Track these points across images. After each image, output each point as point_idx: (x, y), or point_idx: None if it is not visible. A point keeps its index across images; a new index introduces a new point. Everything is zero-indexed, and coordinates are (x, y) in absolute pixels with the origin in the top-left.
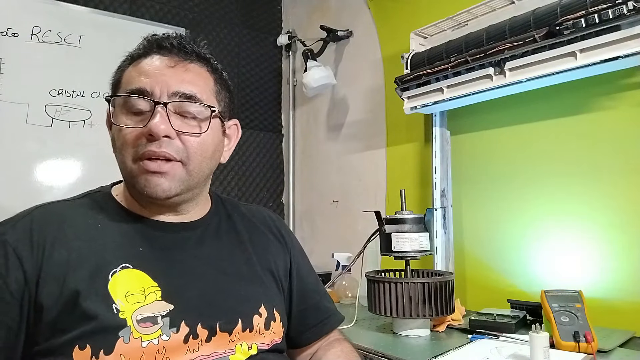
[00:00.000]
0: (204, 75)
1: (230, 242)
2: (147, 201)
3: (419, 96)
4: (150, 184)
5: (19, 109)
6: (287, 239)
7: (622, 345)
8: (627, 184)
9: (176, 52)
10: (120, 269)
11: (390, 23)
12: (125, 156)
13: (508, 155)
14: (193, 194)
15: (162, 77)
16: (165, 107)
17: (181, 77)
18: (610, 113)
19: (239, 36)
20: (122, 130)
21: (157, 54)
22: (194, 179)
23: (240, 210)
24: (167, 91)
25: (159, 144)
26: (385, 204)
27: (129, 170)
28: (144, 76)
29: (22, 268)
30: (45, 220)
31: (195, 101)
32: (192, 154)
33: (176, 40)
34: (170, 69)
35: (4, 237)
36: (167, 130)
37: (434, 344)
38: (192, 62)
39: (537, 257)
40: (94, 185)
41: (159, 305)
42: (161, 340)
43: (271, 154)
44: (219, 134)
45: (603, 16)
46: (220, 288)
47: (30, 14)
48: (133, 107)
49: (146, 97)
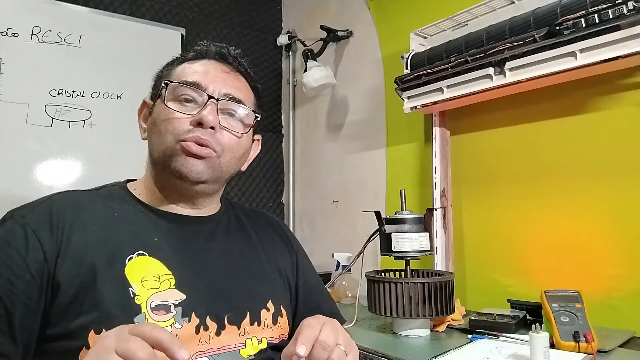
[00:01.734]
0: (248, 88)
1: (239, 240)
2: (171, 185)
3: (419, 96)
4: (187, 164)
5: (19, 109)
6: (292, 241)
7: (622, 345)
8: (627, 184)
9: (230, 62)
10: (137, 256)
11: (390, 23)
12: (167, 138)
13: (508, 155)
14: (215, 189)
15: (217, 78)
16: (216, 103)
17: (233, 83)
18: (610, 113)
19: (239, 36)
20: (172, 113)
21: (213, 59)
22: (223, 171)
23: (247, 212)
24: (220, 91)
25: (205, 133)
26: (385, 204)
27: (168, 149)
28: (199, 74)
29: (42, 249)
30: (64, 205)
31: (243, 105)
32: (228, 149)
33: (233, 53)
34: (225, 73)
35: (24, 220)
36: (215, 122)
37: (434, 344)
38: (242, 75)
39: (537, 257)
40: (93, 185)
41: (173, 294)
42: (174, 328)
43: (271, 154)
44: (249, 142)
45: (603, 16)
46: (229, 282)
47: (30, 14)
48: (184, 95)
49: (201, 90)
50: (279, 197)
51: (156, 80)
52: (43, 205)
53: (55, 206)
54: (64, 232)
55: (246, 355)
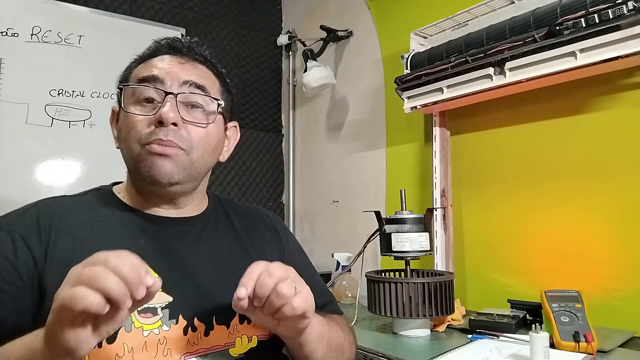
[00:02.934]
0: (210, 75)
1: (228, 238)
2: (148, 190)
3: (419, 96)
4: (155, 166)
5: (19, 109)
6: (281, 235)
7: (622, 345)
8: (627, 184)
9: (186, 53)
10: None
11: (390, 23)
12: (131, 142)
13: (508, 155)
14: (192, 187)
15: (173, 69)
16: (175, 97)
17: (190, 71)
18: (610, 113)
19: (239, 36)
20: (131, 117)
21: (167, 53)
22: (195, 168)
23: (237, 209)
24: (178, 81)
25: (167, 132)
26: (385, 204)
27: (134, 155)
28: (154, 67)
29: (31, 254)
30: (50, 211)
31: (204, 92)
32: (196, 144)
33: (186, 43)
34: (181, 64)
35: (11, 227)
36: (176, 118)
37: (434, 344)
38: (200, 63)
39: (537, 257)
40: (93, 185)
41: (159, 296)
42: (162, 330)
43: (271, 154)
44: (221, 131)
45: (603, 16)
46: (218, 282)
47: (30, 14)
48: (143, 95)
49: (158, 86)
50: (279, 197)
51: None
52: (29, 212)
53: (41, 212)
54: (51, 238)
55: (235, 354)
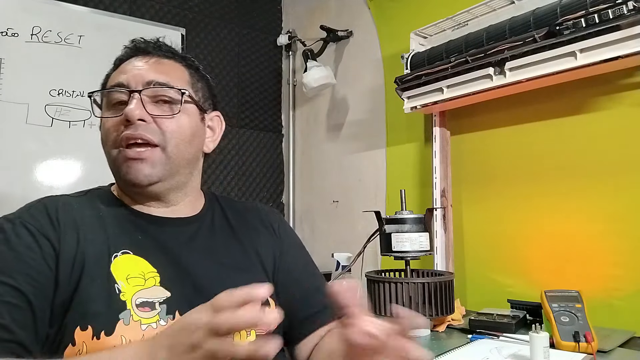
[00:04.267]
0: (177, 67)
1: (224, 236)
2: (133, 191)
3: (419, 96)
4: (131, 170)
5: (19, 109)
6: (278, 231)
7: (622, 345)
8: (627, 184)
9: (151, 51)
10: (121, 254)
11: (390, 23)
12: (109, 146)
13: (508, 155)
14: (177, 182)
15: (138, 71)
16: (139, 94)
17: (155, 68)
18: (610, 113)
19: (239, 36)
20: (104, 122)
21: (135, 55)
22: (173, 162)
23: (234, 206)
24: (142, 81)
25: (136, 128)
26: (385, 204)
27: (112, 159)
28: (123, 73)
29: (51, 244)
30: (56, 206)
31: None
32: (169, 136)
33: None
34: (146, 64)
35: (23, 220)
36: (142, 114)
37: (434, 344)
38: (168, 58)
39: (537, 257)
40: (93, 185)
41: (158, 291)
42: (159, 325)
43: (271, 154)
44: (196, 120)
45: (603, 16)
46: (214, 279)
47: (30, 14)
48: (113, 99)
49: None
50: (279, 197)
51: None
52: (36, 207)
53: (49, 207)
54: (61, 231)
55: None
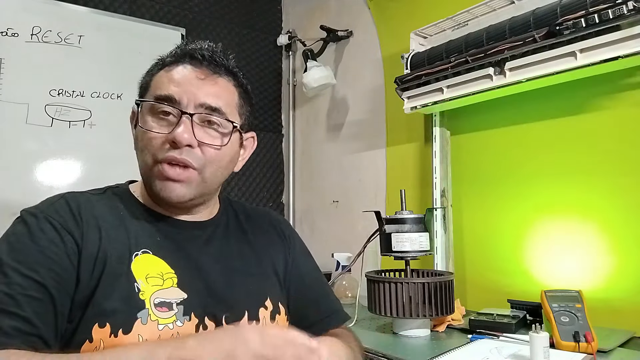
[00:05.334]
0: (230, 89)
1: (237, 241)
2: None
3: (419, 96)
4: (166, 189)
5: (19, 109)
6: (289, 239)
7: (622, 345)
8: (627, 184)
9: (207, 65)
10: (142, 253)
11: (390, 23)
12: (146, 157)
13: (508, 155)
14: (205, 199)
15: (191, 88)
16: (190, 117)
17: (208, 90)
18: (610, 113)
19: (239, 36)
20: (147, 132)
21: (189, 64)
22: (207, 186)
23: (247, 212)
24: (194, 102)
25: (180, 152)
26: (385, 204)
27: (148, 171)
28: (174, 84)
29: (75, 241)
30: (78, 203)
31: (220, 114)
32: (209, 163)
33: (208, 53)
34: (200, 80)
35: (45, 215)
36: (190, 140)
37: (434, 344)
38: (221, 75)
39: (537, 257)
40: (93, 185)
41: (175, 292)
42: (176, 325)
43: (271, 154)
44: (236, 146)
45: (603, 16)
46: (227, 283)
47: (30, 14)
48: (160, 109)
49: (174, 105)
50: (279, 197)
51: (139, 88)
52: (59, 202)
53: (72, 203)
54: (83, 228)
55: None
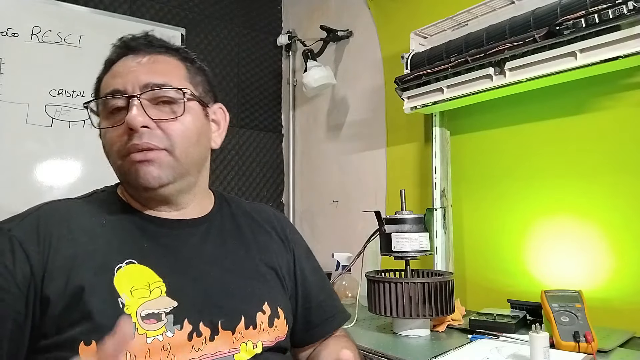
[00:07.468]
0: (173, 63)
1: (233, 241)
2: (144, 196)
3: (419, 96)
4: (140, 174)
5: (19, 109)
6: (290, 237)
7: (622, 345)
8: (627, 184)
9: (144, 48)
10: (126, 264)
11: (390, 23)
12: (113, 156)
13: (508, 155)
14: (188, 183)
15: (132, 74)
16: (138, 99)
17: (149, 68)
18: (610, 113)
19: (239, 36)
20: (106, 132)
21: (128, 54)
22: (182, 165)
23: (244, 208)
24: (138, 84)
25: (140, 137)
26: (385, 204)
27: (119, 168)
28: (117, 78)
29: (29, 262)
30: (52, 217)
31: (166, 87)
32: (175, 140)
33: (143, 38)
34: (140, 65)
35: (11, 233)
36: (145, 120)
37: (434, 344)
38: (161, 54)
39: (537, 257)
40: (93, 185)
41: (164, 301)
42: (165, 336)
43: (271, 154)
44: (200, 118)
45: (603, 16)
46: (223, 286)
47: (30, 14)
48: (110, 106)
49: (119, 95)
50: (279, 197)
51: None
52: (30, 217)
53: (42, 218)
54: (52, 245)
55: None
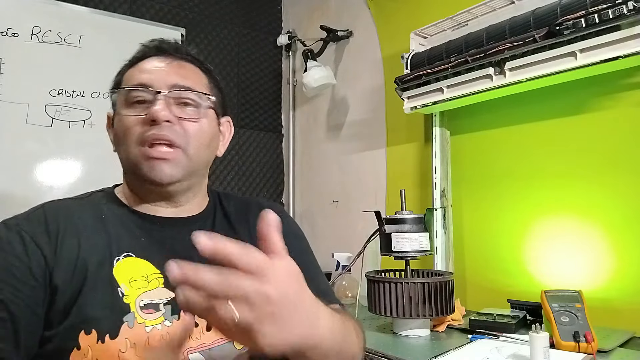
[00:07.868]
0: (197, 72)
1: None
2: (147, 189)
3: (419, 96)
4: (154, 170)
5: (19, 109)
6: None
7: (622, 345)
8: (627, 184)
9: (172, 53)
10: (124, 257)
11: (390, 23)
12: (128, 143)
13: (508, 155)
14: (191, 184)
15: (161, 72)
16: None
17: (177, 71)
18: (610, 113)
19: (239, 36)
20: (126, 119)
21: (155, 56)
22: (193, 165)
23: (236, 204)
24: (166, 83)
25: (160, 128)
26: (385, 204)
27: (132, 157)
28: (145, 73)
29: (42, 253)
30: (56, 212)
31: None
32: (191, 139)
33: (173, 44)
34: (169, 66)
35: (20, 228)
36: (168, 115)
37: (434, 344)
38: (187, 61)
39: (537, 257)
40: (93, 185)
41: (161, 292)
42: (164, 326)
43: (271, 154)
44: (214, 125)
45: (603, 16)
46: None
47: (30, 14)
48: (132, 97)
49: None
50: (279, 197)
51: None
52: (36, 213)
53: (48, 214)
54: (59, 238)
55: (240, 347)
